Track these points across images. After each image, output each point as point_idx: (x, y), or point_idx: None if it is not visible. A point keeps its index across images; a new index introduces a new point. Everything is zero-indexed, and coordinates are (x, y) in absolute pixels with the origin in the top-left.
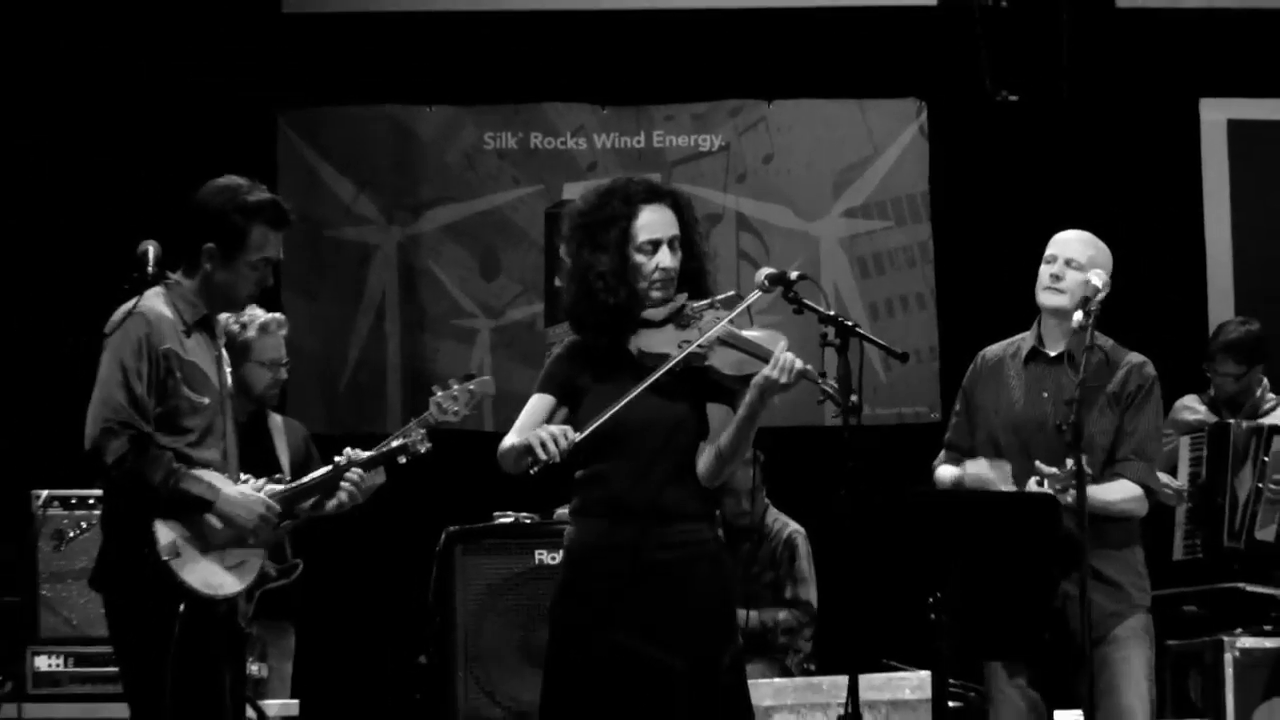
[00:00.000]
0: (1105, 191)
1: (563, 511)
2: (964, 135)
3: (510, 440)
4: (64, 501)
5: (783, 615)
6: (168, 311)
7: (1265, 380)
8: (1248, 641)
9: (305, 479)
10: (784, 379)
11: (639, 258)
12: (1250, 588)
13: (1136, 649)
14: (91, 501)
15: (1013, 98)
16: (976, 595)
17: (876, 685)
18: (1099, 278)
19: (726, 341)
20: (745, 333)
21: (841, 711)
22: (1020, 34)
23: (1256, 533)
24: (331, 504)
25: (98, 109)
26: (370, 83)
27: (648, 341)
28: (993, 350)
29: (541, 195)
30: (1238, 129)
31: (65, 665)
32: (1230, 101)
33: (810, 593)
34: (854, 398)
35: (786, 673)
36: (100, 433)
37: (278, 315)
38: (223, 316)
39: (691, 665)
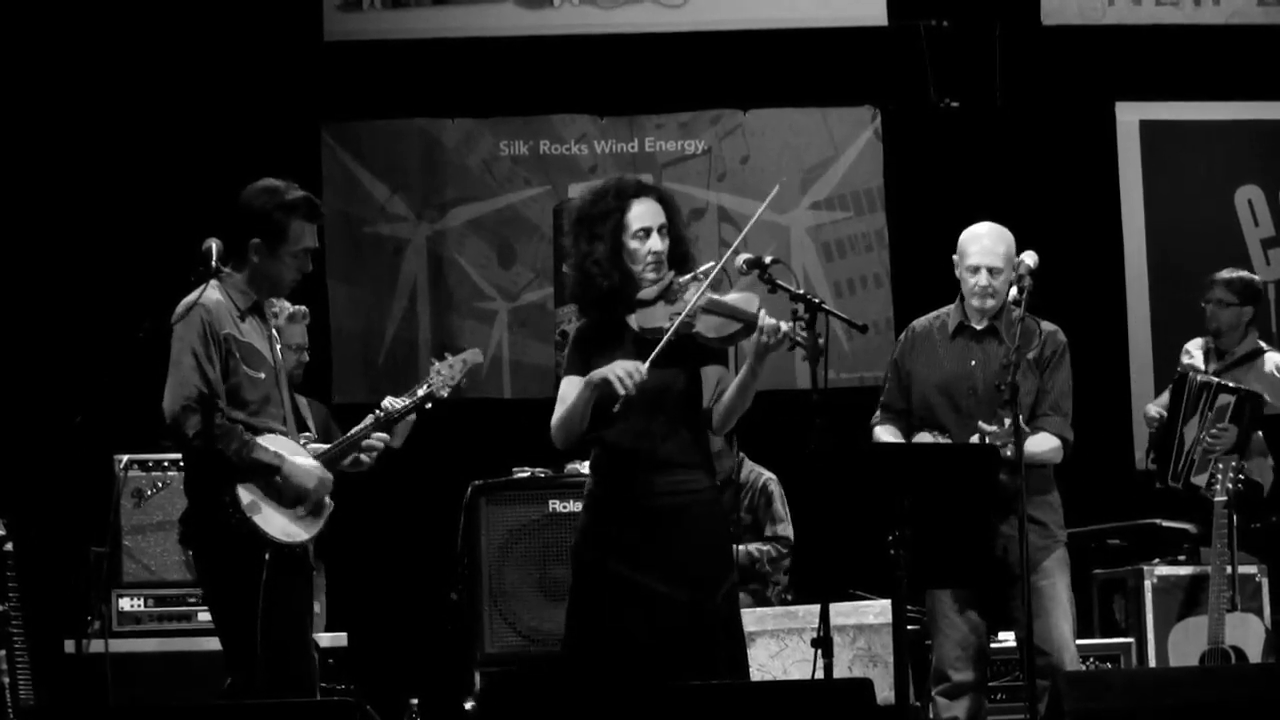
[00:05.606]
0: (1034, 184)
1: (572, 466)
2: (913, 137)
3: (561, 412)
4: (142, 464)
5: (766, 548)
6: (224, 300)
7: (1255, 330)
8: (1164, 570)
9: (349, 434)
10: (771, 340)
11: (633, 244)
12: (1166, 523)
13: (1060, 577)
14: (166, 464)
15: (954, 104)
16: (929, 533)
17: (845, 612)
18: (1030, 257)
19: (708, 309)
20: (724, 297)
21: (815, 635)
22: (960, 49)
23: (1193, 478)
24: (365, 458)
25: (175, 126)
26: (401, 99)
27: (645, 318)
28: (920, 323)
29: (550, 194)
30: (1149, 128)
31: (145, 605)
32: (1142, 104)
33: (787, 529)
34: (819, 340)
35: (767, 602)
36: (180, 410)
37: (301, 307)
38: None
39: (690, 596)
